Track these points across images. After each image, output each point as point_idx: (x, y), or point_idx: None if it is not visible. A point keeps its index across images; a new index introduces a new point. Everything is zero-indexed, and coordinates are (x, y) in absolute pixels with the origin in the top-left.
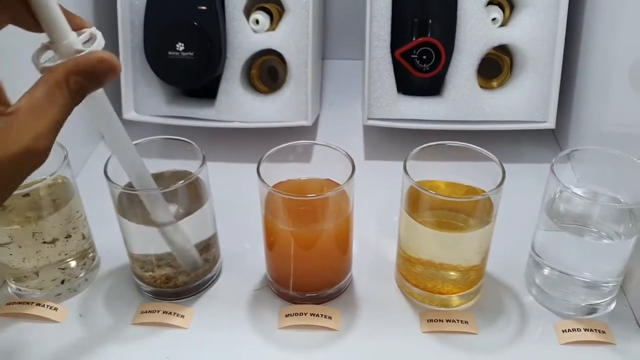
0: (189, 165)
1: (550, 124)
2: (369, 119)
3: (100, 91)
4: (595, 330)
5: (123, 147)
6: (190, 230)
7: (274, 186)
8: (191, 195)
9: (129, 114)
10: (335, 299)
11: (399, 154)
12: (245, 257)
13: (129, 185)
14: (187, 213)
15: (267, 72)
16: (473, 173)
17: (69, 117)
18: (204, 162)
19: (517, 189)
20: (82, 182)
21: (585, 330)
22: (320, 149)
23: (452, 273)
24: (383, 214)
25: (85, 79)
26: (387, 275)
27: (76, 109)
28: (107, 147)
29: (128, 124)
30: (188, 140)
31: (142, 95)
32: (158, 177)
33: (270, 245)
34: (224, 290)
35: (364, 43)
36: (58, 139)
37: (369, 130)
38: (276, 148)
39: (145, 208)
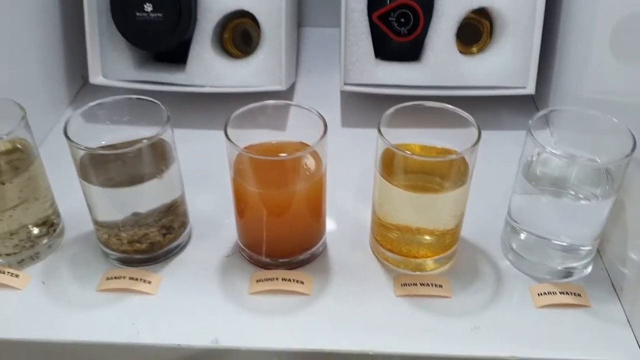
0: (157, 130)
1: (530, 89)
2: (345, 84)
3: None
4: (571, 293)
5: None
6: (157, 193)
7: (244, 149)
8: (156, 156)
9: (97, 78)
10: (308, 265)
11: (377, 121)
12: (216, 224)
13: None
14: (153, 175)
15: (241, 36)
16: (450, 137)
17: (32, 83)
18: (168, 122)
19: (496, 155)
20: (48, 148)
21: (560, 293)
22: (293, 113)
23: (427, 237)
24: (360, 180)
25: None
26: (363, 241)
27: (39, 73)
28: None
29: (96, 88)
30: (153, 100)
31: (110, 59)
32: (126, 144)
33: (240, 211)
34: (194, 256)
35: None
36: (19, 100)
37: (346, 97)
38: (245, 107)
39: (110, 170)
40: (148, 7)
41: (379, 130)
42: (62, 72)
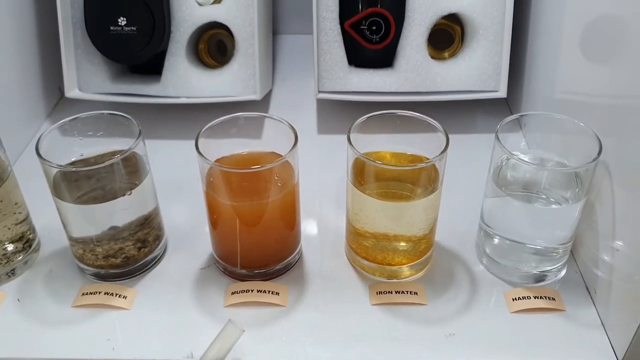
0: (130, 143)
1: (502, 93)
2: (319, 92)
3: None
4: (545, 297)
5: None
6: (130, 207)
7: (215, 161)
8: (129, 171)
9: (72, 92)
10: (284, 275)
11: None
12: (192, 235)
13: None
14: (126, 189)
15: (216, 47)
16: (421, 144)
17: (9, 97)
18: (139, 136)
19: (470, 159)
20: (26, 162)
21: (535, 297)
22: (266, 123)
23: (401, 244)
24: (336, 187)
25: None
26: (338, 249)
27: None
28: None
29: (73, 101)
30: (124, 115)
31: (86, 73)
32: (98, 160)
33: (214, 223)
34: (169, 269)
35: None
36: None
37: (322, 105)
38: (217, 120)
39: (83, 186)
40: (122, 21)
41: (349, 140)
42: (39, 86)
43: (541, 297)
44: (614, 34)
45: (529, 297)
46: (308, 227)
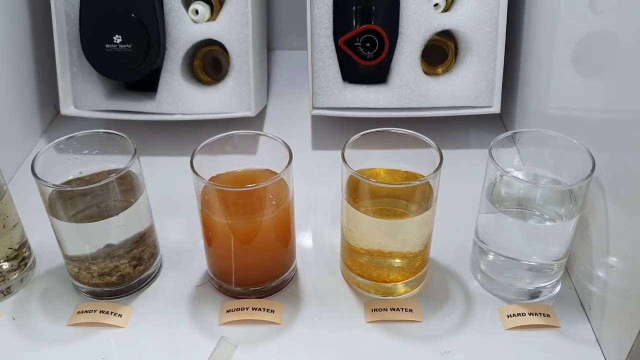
0: (125, 160)
1: (496, 108)
2: (314, 108)
3: None
4: (540, 314)
5: None
6: (126, 225)
7: (210, 179)
8: (124, 189)
9: (67, 109)
10: (279, 292)
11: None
12: (187, 252)
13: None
14: (122, 208)
15: (211, 63)
16: (415, 160)
17: (4, 114)
18: (135, 155)
19: (464, 175)
20: (22, 179)
21: (530, 314)
22: (260, 141)
23: (396, 260)
24: (331, 203)
25: None
26: (333, 266)
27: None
28: None
29: (68, 118)
30: (119, 134)
31: (81, 90)
32: (94, 179)
33: (209, 240)
34: (164, 287)
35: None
36: None
37: (317, 121)
38: (211, 139)
39: (78, 205)
40: (117, 39)
41: (343, 158)
42: (34, 103)
43: (536, 314)
44: (605, 49)
45: (523, 314)
46: (303, 244)
